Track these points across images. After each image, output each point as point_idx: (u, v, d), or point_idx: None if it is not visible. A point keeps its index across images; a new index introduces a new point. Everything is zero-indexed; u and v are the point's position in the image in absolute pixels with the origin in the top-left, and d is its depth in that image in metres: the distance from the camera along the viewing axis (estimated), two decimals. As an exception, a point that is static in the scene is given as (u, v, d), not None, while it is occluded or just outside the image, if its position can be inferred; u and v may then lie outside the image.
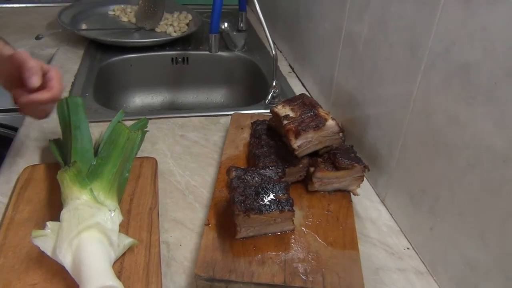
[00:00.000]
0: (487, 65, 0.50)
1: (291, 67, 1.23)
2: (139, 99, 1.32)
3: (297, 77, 1.18)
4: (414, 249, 0.68)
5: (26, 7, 1.51)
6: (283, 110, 0.76)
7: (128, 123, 0.84)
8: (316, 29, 1.03)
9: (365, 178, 0.80)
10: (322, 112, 0.73)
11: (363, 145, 0.82)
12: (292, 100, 0.78)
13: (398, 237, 0.70)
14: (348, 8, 0.84)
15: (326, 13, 0.96)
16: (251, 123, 0.86)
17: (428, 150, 0.62)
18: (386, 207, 0.76)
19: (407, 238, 0.70)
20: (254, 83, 1.27)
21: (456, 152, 0.56)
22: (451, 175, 0.58)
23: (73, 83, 1.06)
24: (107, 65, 1.21)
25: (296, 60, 1.20)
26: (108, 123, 0.77)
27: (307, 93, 1.10)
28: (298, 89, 1.12)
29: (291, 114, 0.74)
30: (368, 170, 0.72)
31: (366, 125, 0.81)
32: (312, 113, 0.73)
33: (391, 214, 0.75)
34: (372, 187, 0.80)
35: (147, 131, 0.87)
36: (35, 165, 0.75)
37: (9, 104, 0.82)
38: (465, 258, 0.56)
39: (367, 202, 0.77)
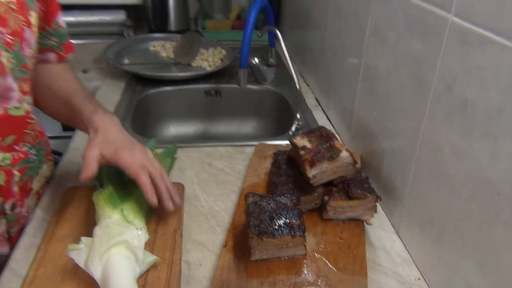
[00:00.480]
0: (482, 102, 0.53)
1: (317, 100, 1.29)
2: (174, 129, 1.41)
3: (322, 110, 1.23)
4: (424, 279, 0.70)
5: (76, 43, 1.65)
6: (301, 141, 0.81)
7: (161, 150, 0.92)
8: (338, 63, 1.09)
9: (380, 209, 0.84)
10: (337, 144, 0.78)
11: (380, 176, 0.85)
12: (311, 132, 0.83)
13: (410, 268, 0.72)
14: (366, 44, 0.90)
15: (347, 48, 1.02)
16: (273, 153, 0.91)
17: (436, 181, 0.65)
18: (400, 237, 0.78)
19: (418, 269, 0.72)
20: (282, 115, 1.33)
21: (459, 184, 0.59)
22: (455, 205, 0.60)
23: (113, 114, 1.16)
24: (145, 97, 1.31)
25: (322, 93, 1.25)
26: (142, 150, 0.85)
27: (331, 126, 1.14)
28: (322, 122, 1.17)
29: (308, 145, 0.79)
30: (380, 200, 0.75)
31: (382, 157, 0.84)
32: (327, 144, 0.77)
33: (404, 245, 0.77)
34: (388, 218, 0.83)
35: (176, 158, 0.94)
36: (76, 187, 0.83)
37: (56, 132, 0.91)
38: (469, 287, 0.58)
39: (382, 232, 0.80)
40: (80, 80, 0.88)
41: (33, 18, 0.71)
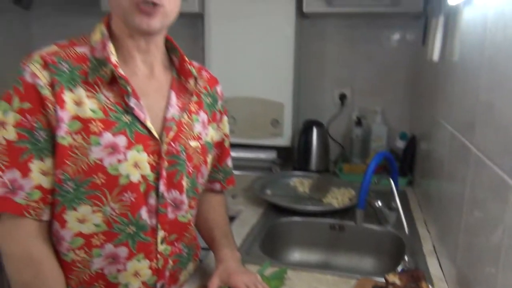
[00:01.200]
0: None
1: (434, 247, 1.33)
2: (298, 255, 1.58)
3: (437, 257, 1.27)
4: None
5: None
6: (393, 278, 0.91)
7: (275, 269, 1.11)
8: (450, 215, 1.16)
9: None
10: (424, 286, 0.86)
11: (473, 328, 0.87)
12: (405, 272, 0.93)
13: None
14: (465, 202, 0.99)
15: (454, 202, 1.11)
16: (371, 286, 1.01)
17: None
18: None
19: None
20: (397, 257, 1.40)
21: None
22: None
23: (248, 234, 1.41)
24: (278, 224, 1.54)
25: (438, 241, 1.31)
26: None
27: (441, 274, 1.18)
28: (433, 269, 1.20)
29: (397, 282, 0.88)
30: None
31: (475, 309, 0.88)
32: (415, 285, 0.86)
33: None
34: None
35: (287, 278, 1.11)
36: (204, 285, 1.06)
37: (202, 242, 1.18)
38: None
39: None
40: (227, 212, 1.18)
41: (209, 159, 1.04)
